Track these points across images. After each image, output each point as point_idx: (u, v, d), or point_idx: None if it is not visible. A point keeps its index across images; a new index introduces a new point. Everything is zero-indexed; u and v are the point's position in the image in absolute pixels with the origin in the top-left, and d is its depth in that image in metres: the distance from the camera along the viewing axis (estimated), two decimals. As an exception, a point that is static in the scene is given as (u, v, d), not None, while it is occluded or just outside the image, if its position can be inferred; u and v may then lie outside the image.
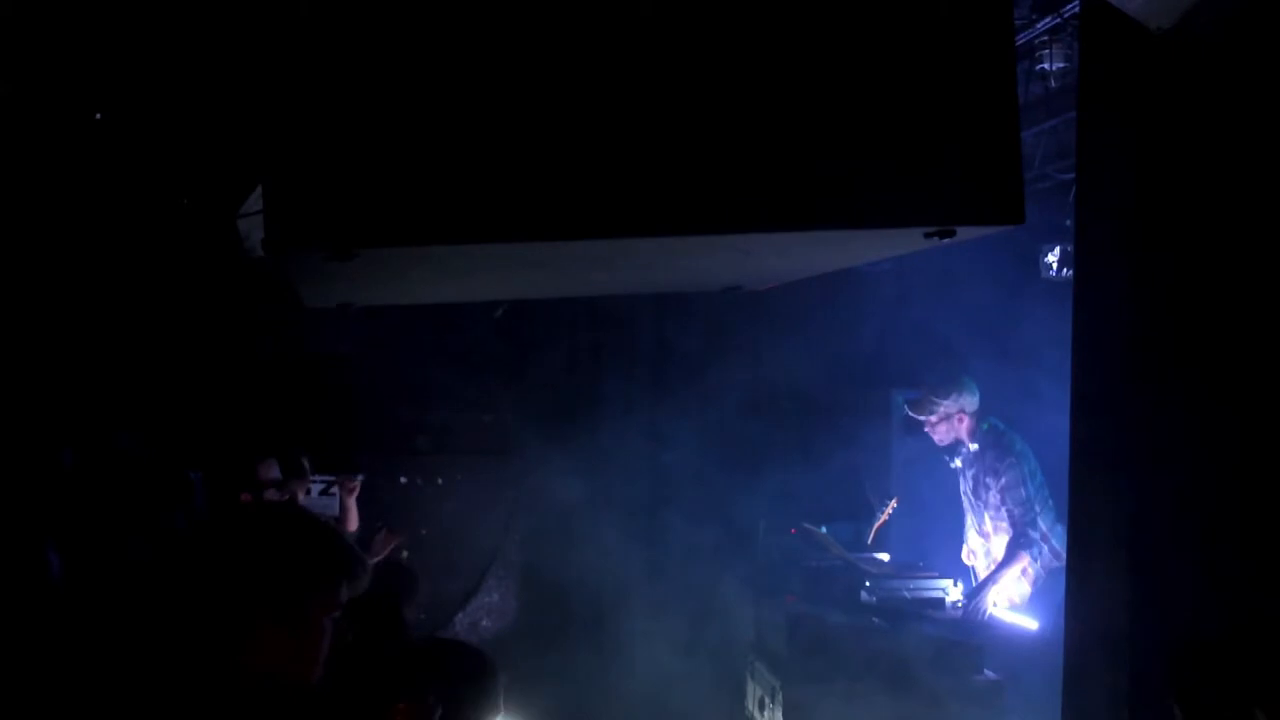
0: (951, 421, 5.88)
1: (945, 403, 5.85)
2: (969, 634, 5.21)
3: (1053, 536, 5.60)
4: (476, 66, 2.49)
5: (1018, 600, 5.65)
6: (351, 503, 6.29)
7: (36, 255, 5.93)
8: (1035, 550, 5.59)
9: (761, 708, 5.17)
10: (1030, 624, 5.47)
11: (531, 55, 2.51)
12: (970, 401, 5.87)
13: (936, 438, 5.96)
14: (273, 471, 6.42)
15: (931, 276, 6.68)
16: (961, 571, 5.94)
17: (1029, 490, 5.66)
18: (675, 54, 2.56)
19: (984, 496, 5.92)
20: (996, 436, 5.84)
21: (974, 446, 5.90)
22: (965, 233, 2.88)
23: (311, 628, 2.23)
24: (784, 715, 4.85)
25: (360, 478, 6.25)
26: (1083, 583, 3.61)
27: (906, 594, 5.43)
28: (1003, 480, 5.74)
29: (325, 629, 2.26)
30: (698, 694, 5.81)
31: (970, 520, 6.06)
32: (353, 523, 6.32)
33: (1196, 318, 3.22)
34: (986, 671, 4.94)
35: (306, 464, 6.15)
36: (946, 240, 2.86)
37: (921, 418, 5.93)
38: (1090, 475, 3.56)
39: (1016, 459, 5.73)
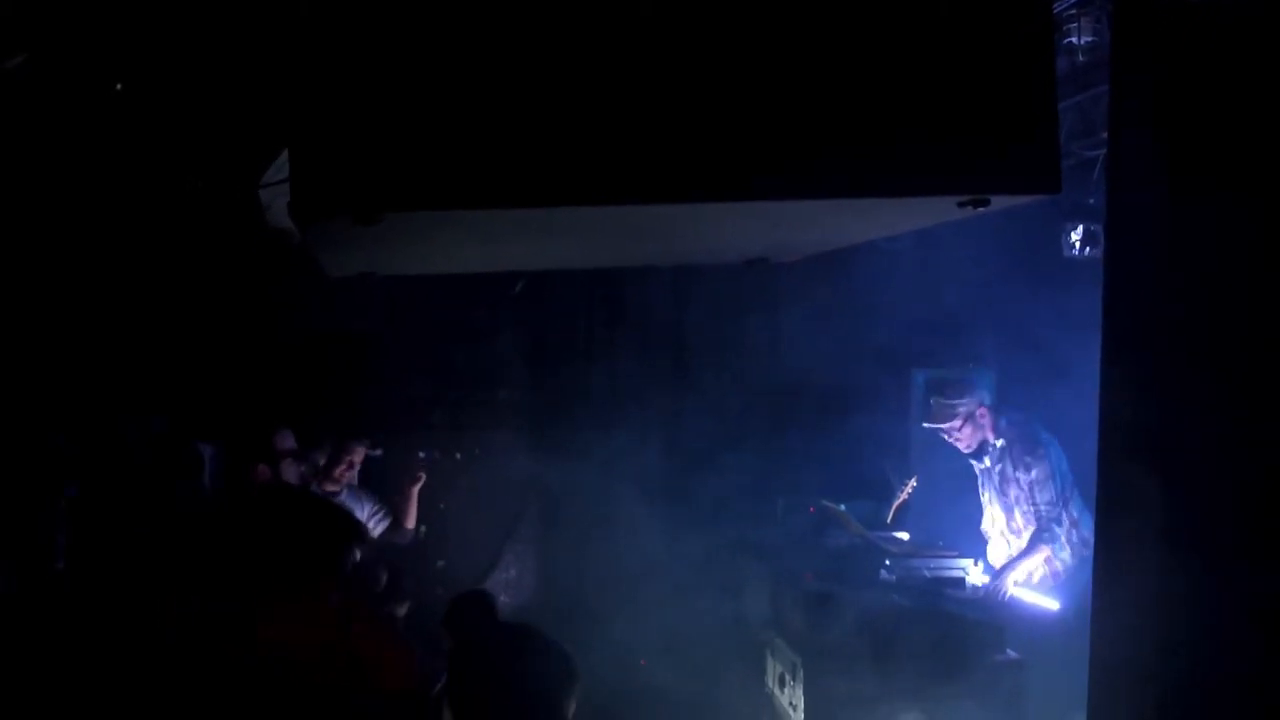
0: (975, 419, 5.74)
1: (964, 402, 5.72)
2: (990, 613, 5.18)
3: (1082, 524, 5.53)
4: (502, 29, 2.45)
5: (1035, 581, 5.60)
6: (414, 493, 6.38)
7: (52, 226, 5.93)
8: (1056, 546, 5.53)
9: (782, 684, 5.15)
10: (1051, 604, 5.44)
11: (558, 16, 2.47)
12: (985, 394, 5.79)
13: (964, 444, 5.79)
14: (288, 442, 6.47)
15: (952, 255, 6.63)
16: (981, 550, 5.90)
17: (1058, 483, 5.57)
18: (710, 18, 2.51)
19: (1011, 492, 5.79)
20: (1021, 428, 5.72)
21: (999, 442, 5.77)
22: (999, 202, 2.84)
23: (321, 602, 2.32)
24: (805, 692, 4.83)
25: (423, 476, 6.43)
26: (1111, 564, 3.57)
27: (926, 573, 5.40)
28: (1033, 473, 5.61)
29: (334, 602, 2.39)
30: (717, 670, 5.79)
31: (994, 520, 5.93)
32: (411, 517, 6.42)
33: (1233, 292, 3.17)
34: (1008, 651, 4.91)
35: (363, 449, 6.27)
36: (980, 209, 2.82)
37: (945, 426, 5.78)
38: (1119, 454, 3.51)
39: (1045, 449, 5.62)
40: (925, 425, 5.93)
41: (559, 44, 2.46)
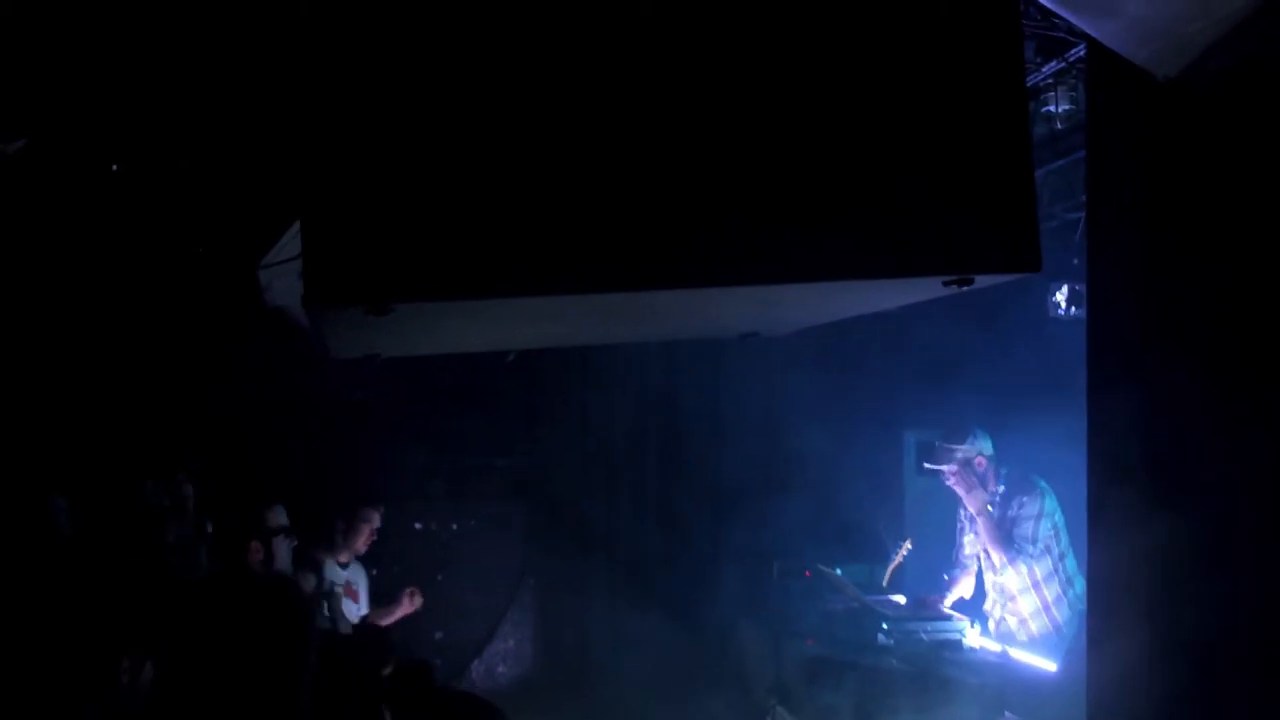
0: (972, 466, 5.79)
1: (962, 448, 5.75)
2: (988, 676, 5.21)
3: (1077, 583, 5.57)
4: (509, 127, 2.55)
5: (1036, 633, 5.63)
6: (405, 601, 6.30)
7: (58, 303, 6.01)
8: (1060, 581, 5.56)
9: (782, 751, 5.18)
10: (1049, 665, 5.47)
11: (562, 113, 2.58)
12: (985, 445, 5.82)
13: (961, 489, 5.83)
14: (280, 519, 6.45)
15: (940, 315, 6.71)
16: (975, 609, 5.92)
17: (1045, 526, 5.62)
18: (706, 114, 2.63)
19: (1011, 536, 5.81)
20: (1019, 476, 5.78)
21: (1001, 489, 5.82)
22: (983, 280, 2.94)
23: None
24: (806, 759, 4.86)
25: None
26: (1104, 626, 3.64)
27: (924, 636, 5.43)
28: (1023, 510, 5.67)
29: None
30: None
31: (991, 567, 5.95)
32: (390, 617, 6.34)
33: (1211, 352, 3.27)
34: (1006, 713, 4.94)
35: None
36: (966, 288, 2.92)
37: (941, 468, 5.81)
38: (1109, 514, 3.59)
39: (1040, 493, 5.68)
40: (925, 465, 5.99)
41: (564, 140, 2.56)
